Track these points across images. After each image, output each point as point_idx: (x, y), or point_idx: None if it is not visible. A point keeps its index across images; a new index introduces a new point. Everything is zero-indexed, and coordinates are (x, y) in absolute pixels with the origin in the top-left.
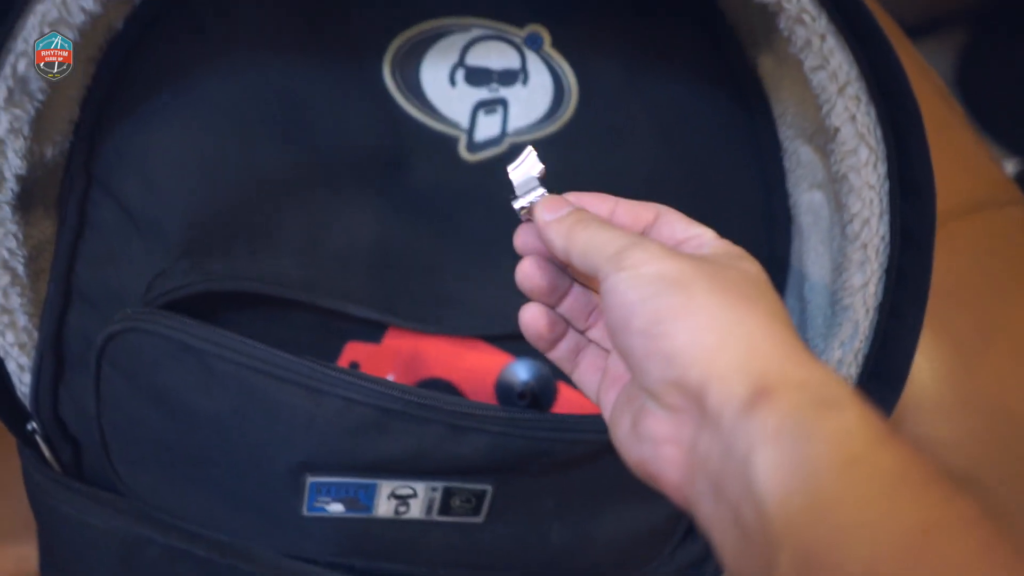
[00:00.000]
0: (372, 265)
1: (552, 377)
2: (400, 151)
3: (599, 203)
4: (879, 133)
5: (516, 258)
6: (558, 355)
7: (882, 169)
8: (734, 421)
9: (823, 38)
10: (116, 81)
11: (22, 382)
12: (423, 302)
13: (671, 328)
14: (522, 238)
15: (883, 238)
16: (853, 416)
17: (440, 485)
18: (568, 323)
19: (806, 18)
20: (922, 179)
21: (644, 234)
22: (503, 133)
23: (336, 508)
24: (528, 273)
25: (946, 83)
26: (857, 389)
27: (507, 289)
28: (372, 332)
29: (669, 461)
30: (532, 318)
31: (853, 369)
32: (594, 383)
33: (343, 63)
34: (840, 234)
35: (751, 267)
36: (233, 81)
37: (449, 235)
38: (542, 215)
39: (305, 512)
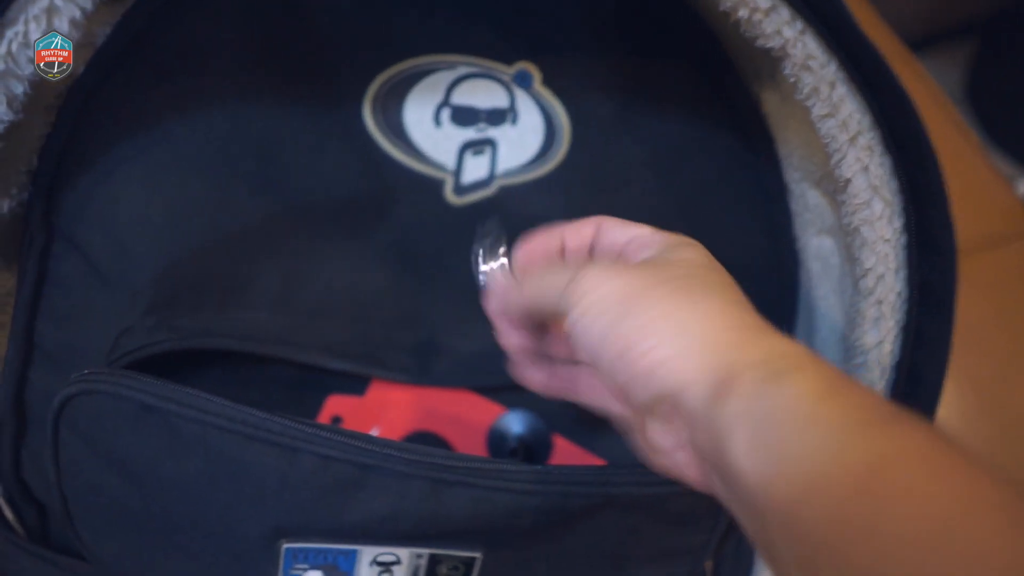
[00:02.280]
0: (353, 315)
1: (547, 430)
2: (382, 195)
3: (547, 239)
4: (894, 185)
5: None
6: (556, 391)
7: (898, 223)
8: (709, 415)
9: (832, 85)
10: (76, 129)
11: None
12: (409, 352)
13: (638, 349)
14: (491, 305)
15: (899, 294)
16: (804, 377)
17: (426, 552)
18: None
19: (813, 64)
20: (941, 233)
21: (592, 249)
22: (491, 175)
23: (314, 572)
24: (507, 336)
25: (955, 96)
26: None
27: (496, 339)
28: (355, 384)
29: (685, 464)
30: (534, 381)
31: None
32: (600, 399)
33: (320, 104)
34: (852, 287)
35: (694, 254)
36: (201, 128)
37: (435, 282)
38: (492, 304)
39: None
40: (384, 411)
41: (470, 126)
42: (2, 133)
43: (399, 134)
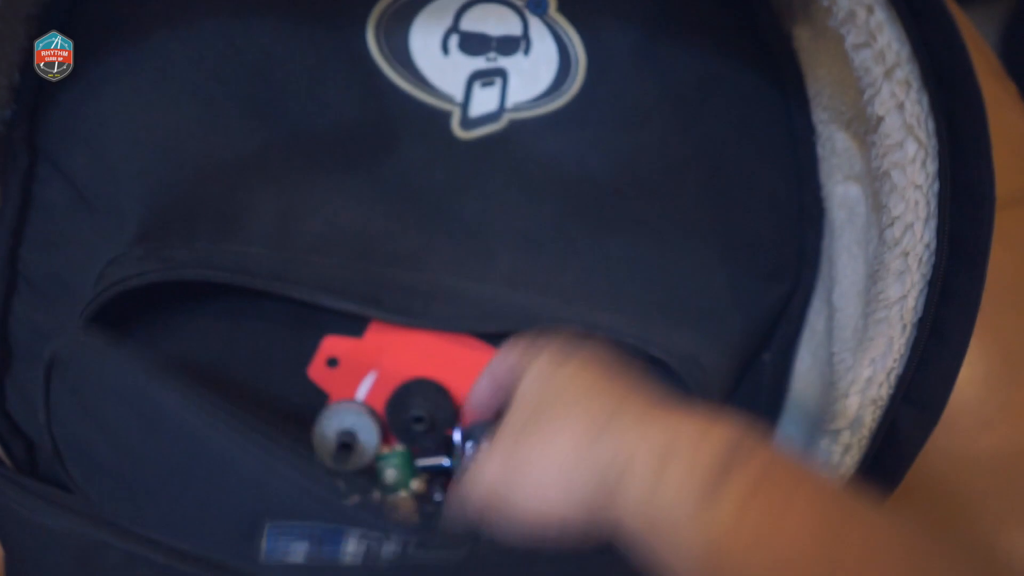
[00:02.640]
0: (353, 253)
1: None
2: (385, 127)
3: (483, 382)
4: (931, 126)
5: (514, 250)
6: None
7: (932, 167)
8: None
9: (870, 10)
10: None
11: None
12: (410, 293)
13: (524, 511)
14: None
15: (928, 246)
16: (679, 469)
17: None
18: None
19: None
20: (979, 181)
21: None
22: (501, 108)
23: (299, 548)
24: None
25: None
26: (889, 413)
27: (503, 284)
28: (352, 326)
29: None
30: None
31: (885, 390)
32: None
33: (321, 25)
34: (878, 237)
35: (537, 372)
36: (194, 45)
37: (439, 221)
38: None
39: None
40: (382, 355)
41: (480, 55)
42: None
43: (404, 61)
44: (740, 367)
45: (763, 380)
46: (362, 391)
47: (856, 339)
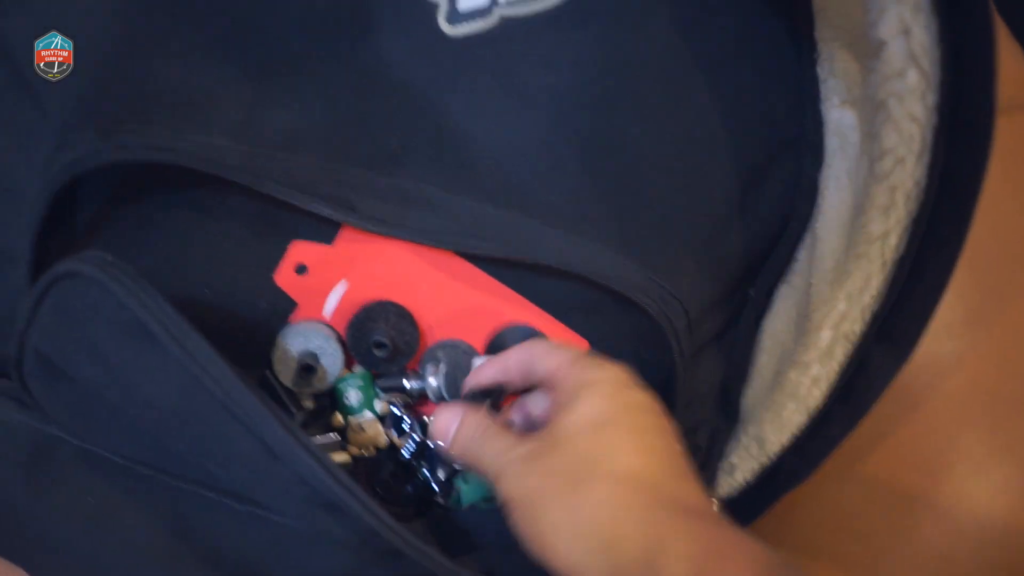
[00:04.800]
0: (326, 152)
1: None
2: (364, 14)
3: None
4: (936, 55)
5: (498, 160)
6: None
7: (931, 100)
8: None
9: None
10: None
11: None
12: (385, 199)
13: (545, 552)
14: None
15: (918, 183)
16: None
17: None
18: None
19: None
20: (979, 118)
21: (527, 377)
22: (493, 2)
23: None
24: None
25: None
26: (860, 349)
27: (484, 198)
28: (323, 231)
29: None
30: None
31: (858, 326)
32: None
33: None
34: (868, 169)
35: (587, 412)
36: None
37: (419, 123)
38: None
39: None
40: (353, 264)
41: None
42: None
43: None
44: (729, 299)
45: (747, 315)
46: (331, 302)
47: (835, 272)
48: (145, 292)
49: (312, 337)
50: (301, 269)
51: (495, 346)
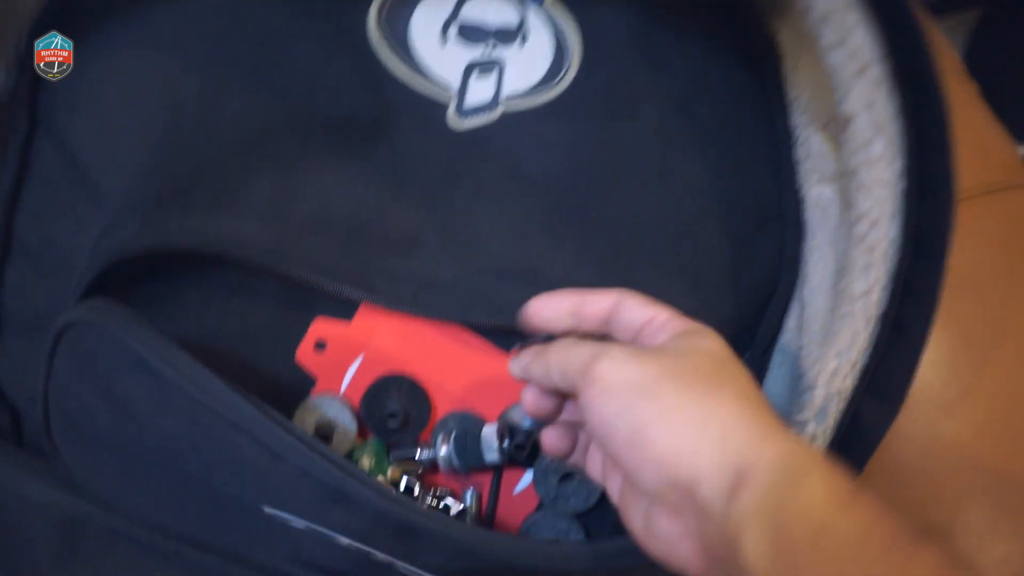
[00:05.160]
0: (347, 236)
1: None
2: (382, 113)
3: (565, 299)
4: (899, 125)
5: (503, 241)
6: (565, 454)
7: (898, 165)
8: (722, 510)
9: (845, 11)
10: (65, 9)
11: None
12: (400, 279)
13: (651, 435)
14: (514, 368)
15: (892, 242)
16: (818, 485)
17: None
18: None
19: None
20: (942, 181)
21: (608, 322)
22: (496, 98)
23: (299, 523)
24: (533, 403)
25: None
26: (852, 404)
27: (493, 275)
28: (342, 308)
29: (689, 555)
30: (554, 446)
31: (849, 382)
32: (599, 474)
33: (325, 9)
34: (847, 234)
35: (710, 344)
36: (199, 18)
37: (432, 209)
38: (515, 368)
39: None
40: (370, 340)
41: (478, 45)
42: None
43: (404, 48)
44: None
45: None
46: (348, 377)
47: (824, 333)
48: (141, 329)
49: (329, 407)
50: (320, 345)
51: (505, 416)
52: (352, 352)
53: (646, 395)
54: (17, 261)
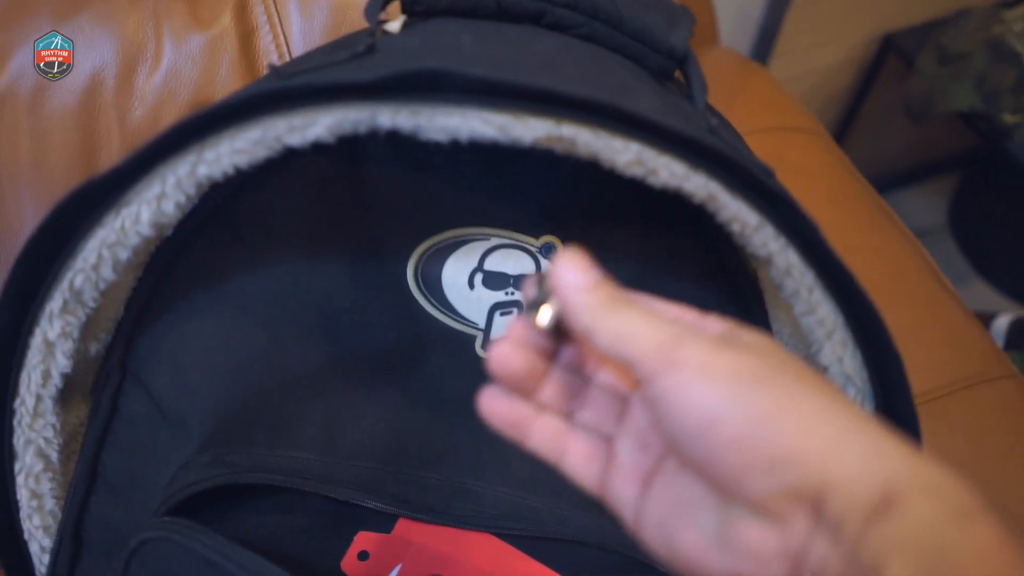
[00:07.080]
0: (387, 457)
1: None
2: (419, 348)
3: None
4: (865, 375)
5: (528, 457)
6: (537, 444)
7: (868, 407)
8: (860, 529)
9: (811, 290)
10: (158, 284)
11: (42, 563)
12: (435, 493)
13: (774, 430)
14: (514, 329)
15: None
16: (988, 530)
17: None
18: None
19: (794, 272)
20: (907, 418)
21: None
22: None
23: None
24: (505, 356)
25: (939, 227)
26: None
27: (517, 487)
28: (384, 522)
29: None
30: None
31: None
32: (591, 473)
33: (370, 266)
34: None
35: (767, 338)
36: (267, 284)
37: (463, 428)
38: (566, 276)
39: None
40: (407, 549)
41: (500, 289)
42: (104, 290)
43: (437, 294)
44: None
45: None
46: None
47: None
48: (208, 537)
49: None
50: (363, 555)
51: None
52: (392, 560)
53: (761, 385)
54: (100, 493)
